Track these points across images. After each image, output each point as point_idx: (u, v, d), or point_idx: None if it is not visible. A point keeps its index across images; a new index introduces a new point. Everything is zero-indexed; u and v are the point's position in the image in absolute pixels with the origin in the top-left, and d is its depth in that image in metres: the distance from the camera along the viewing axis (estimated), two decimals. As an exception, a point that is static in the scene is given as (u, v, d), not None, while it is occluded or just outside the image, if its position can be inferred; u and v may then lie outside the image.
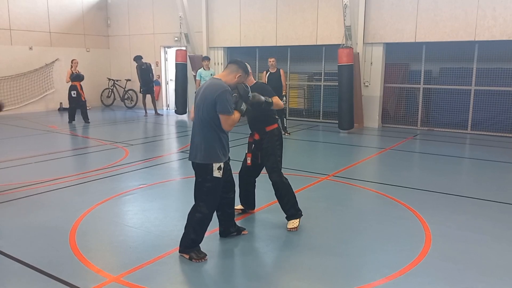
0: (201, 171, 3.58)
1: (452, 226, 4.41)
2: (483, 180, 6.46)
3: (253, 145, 4.36)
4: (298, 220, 4.30)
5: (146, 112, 13.55)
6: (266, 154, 4.28)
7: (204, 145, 3.53)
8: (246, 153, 4.45)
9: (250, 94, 3.69)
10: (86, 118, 11.68)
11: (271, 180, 4.31)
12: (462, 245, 3.97)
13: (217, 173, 3.56)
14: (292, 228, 4.23)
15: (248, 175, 4.56)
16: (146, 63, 13.41)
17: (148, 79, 13.31)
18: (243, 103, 3.62)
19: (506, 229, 4.38)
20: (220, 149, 3.56)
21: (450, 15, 9.82)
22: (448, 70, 10.75)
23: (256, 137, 4.33)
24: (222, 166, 3.59)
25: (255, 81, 4.35)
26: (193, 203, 3.71)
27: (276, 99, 4.17)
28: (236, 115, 3.56)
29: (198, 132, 3.58)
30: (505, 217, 4.76)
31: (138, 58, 13.31)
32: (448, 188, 5.78)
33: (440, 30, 9.99)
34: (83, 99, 11.53)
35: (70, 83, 11.43)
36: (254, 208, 4.76)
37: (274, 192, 4.38)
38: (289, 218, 4.31)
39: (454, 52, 10.34)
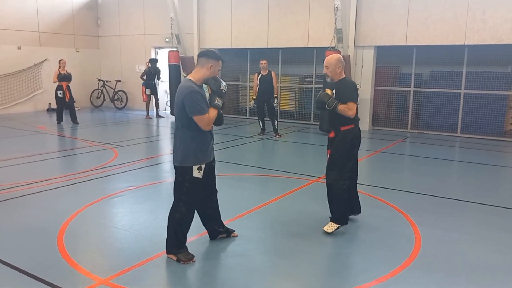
0: (181, 171, 3.55)
1: (442, 228, 4.44)
2: (472, 182, 6.52)
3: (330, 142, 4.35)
4: (337, 226, 4.18)
5: (148, 114, 13.25)
6: (334, 152, 4.24)
7: (182, 147, 3.50)
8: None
9: (223, 85, 3.51)
10: (74, 119, 11.55)
11: (326, 180, 4.27)
12: (451, 247, 3.99)
13: (197, 173, 3.51)
14: (327, 229, 4.17)
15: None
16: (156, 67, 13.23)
17: (153, 82, 13.11)
18: (217, 98, 3.49)
19: (494, 231, 4.41)
20: (197, 150, 3.49)
21: (440, 18, 9.92)
22: (438, 73, 10.85)
23: (332, 134, 4.31)
24: (203, 166, 3.54)
25: (344, 76, 4.23)
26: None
27: (342, 106, 4.07)
28: (212, 112, 3.45)
29: (176, 134, 3.56)
30: (494, 219, 4.80)
31: (153, 62, 13.07)
32: (437, 190, 5.81)
33: (431, 34, 10.08)
34: (67, 100, 11.37)
35: (57, 83, 11.31)
36: (359, 212, 4.62)
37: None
38: (331, 220, 4.23)
39: (444, 56, 10.45)
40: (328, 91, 4.21)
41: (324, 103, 4.15)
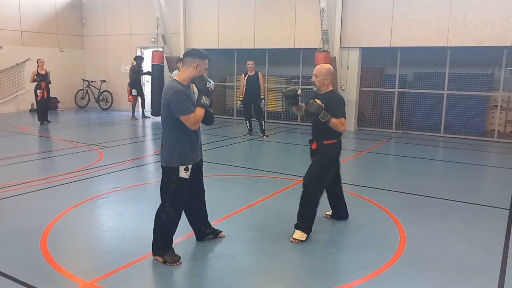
0: (167, 171, 3.52)
1: (426, 227, 4.50)
2: (455, 181, 6.63)
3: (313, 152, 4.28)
4: (301, 232, 4.06)
5: (133, 114, 13.04)
6: (315, 163, 4.16)
7: (167, 147, 3.48)
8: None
9: (210, 84, 3.45)
10: (45, 118, 11.43)
11: (303, 187, 4.13)
12: (435, 245, 4.05)
13: (183, 174, 3.49)
14: (299, 237, 4.02)
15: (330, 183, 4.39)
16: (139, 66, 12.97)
17: (137, 82, 12.85)
18: (203, 97, 3.43)
19: (477, 229, 4.50)
20: (183, 151, 3.48)
21: (423, 21, 10.07)
22: (422, 74, 11.02)
23: (313, 146, 4.21)
24: (190, 167, 3.53)
25: (331, 88, 4.17)
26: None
27: (335, 120, 4.01)
28: (198, 111, 3.41)
29: (163, 135, 3.55)
30: (476, 217, 4.90)
31: (138, 59, 12.85)
32: (421, 189, 5.90)
33: (415, 36, 10.22)
34: (38, 99, 11.22)
35: (36, 83, 11.16)
36: (346, 218, 4.61)
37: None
38: (300, 228, 4.10)
39: (428, 57, 10.61)
40: (318, 102, 4.02)
41: (316, 115, 3.97)
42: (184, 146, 3.49)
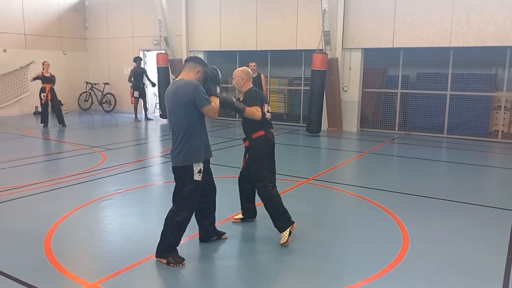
0: (182, 174, 3.54)
1: (429, 228, 4.49)
2: (458, 182, 6.61)
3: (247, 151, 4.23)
4: (286, 232, 4.00)
5: (136, 116, 13.06)
6: (252, 162, 4.13)
7: (186, 145, 3.50)
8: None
9: (219, 76, 3.68)
10: (61, 121, 11.41)
11: (256, 190, 4.17)
12: (438, 246, 4.04)
13: (197, 176, 3.54)
14: (282, 243, 3.98)
15: (244, 182, 4.41)
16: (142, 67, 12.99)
17: (140, 84, 12.83)
18: (216, 86, 3.62)
19: (480, 230, 4.48)
20: (201, 146, 3.56)
21: (426, 21, 10.06)
22: (425, 75, 10.99)
23: (246, 143, 4.19)
24: (202, 169, 3.57)
25: (251, 86, 4.18)
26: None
27: (251, 109, 3.95)
28: (215, 100, 3.58)
29: (177, 134, 3.53)
30: (479, 217, 4.88)
31: (137, 60, 12.84)
32: (425, 190, 5.88)
33: (417, 36, 10.21)
34: (43, 102, 11.16)
35: (41, 86, 11.17)
36: (255, 217, 4.58)
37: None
38: (278, 230, 4.07)
39: (431, 58, 10.58)
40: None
41: (231, 103, 3.90)
42: (201, 141, 3.57)
